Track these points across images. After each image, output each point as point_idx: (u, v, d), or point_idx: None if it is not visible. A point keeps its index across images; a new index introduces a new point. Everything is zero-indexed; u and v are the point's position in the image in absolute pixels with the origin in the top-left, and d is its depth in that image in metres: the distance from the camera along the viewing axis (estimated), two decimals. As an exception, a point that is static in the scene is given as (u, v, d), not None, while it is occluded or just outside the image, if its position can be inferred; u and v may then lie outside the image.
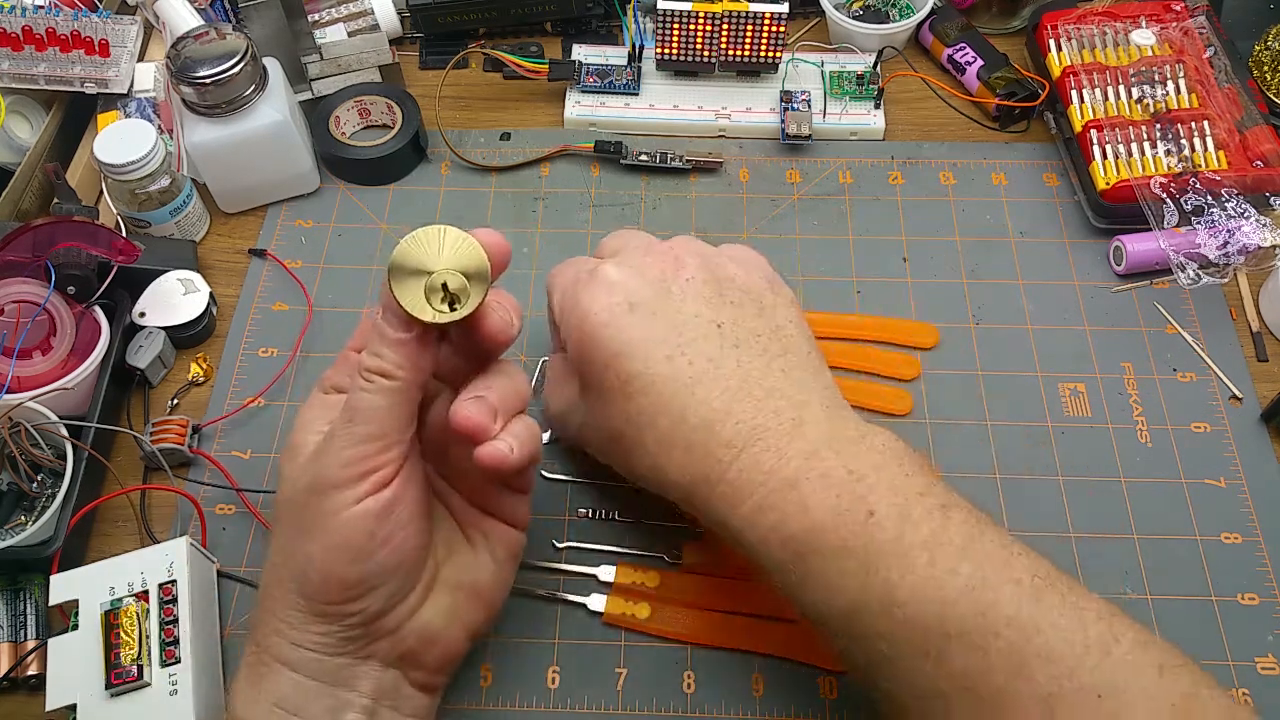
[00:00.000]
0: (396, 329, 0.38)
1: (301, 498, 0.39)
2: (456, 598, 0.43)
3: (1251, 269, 0.61)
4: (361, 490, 0.38)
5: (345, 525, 0.38)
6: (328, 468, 0.38)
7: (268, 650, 0.39)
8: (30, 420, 0.52)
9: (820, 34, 0.76)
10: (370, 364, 0.38)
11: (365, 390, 0.38)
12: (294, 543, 0.39)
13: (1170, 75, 0.66)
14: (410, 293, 0.37)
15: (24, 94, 0.68)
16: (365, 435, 0.38)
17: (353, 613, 0.39)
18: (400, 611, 0.40)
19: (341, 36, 0.70)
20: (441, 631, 0.42)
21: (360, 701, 0.40)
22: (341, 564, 0.38)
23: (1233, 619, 0.50)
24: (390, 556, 0.39)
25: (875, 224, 0.66)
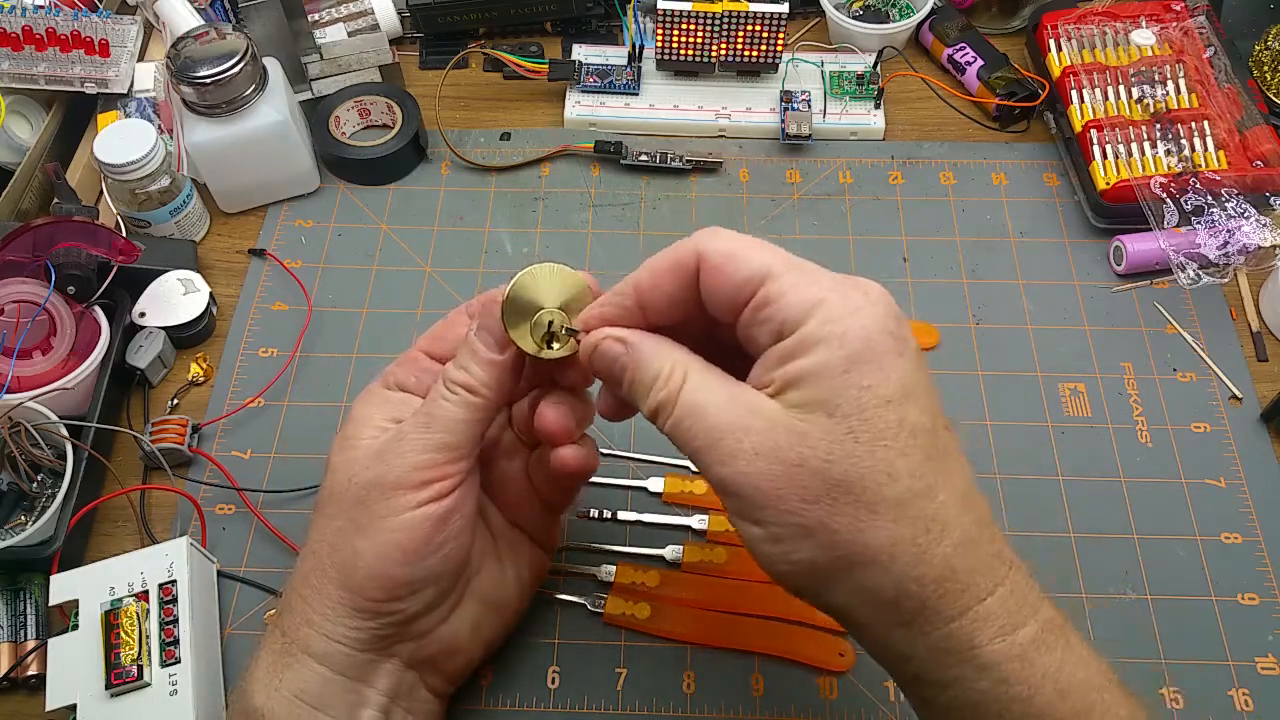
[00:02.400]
0: (491, 349, 0.39)
1: (360, 492, 0.39)
2: (481, 611, 0.43)
3: (1251, 269, 0.61)
4: (425, 495, 0.38)
5: (404, 527, 0.38)
6: (396, 468, 0.38)
7: (296, 640, 0.39)
8: (30, 420, 0.52)
9: (820, 34, 0.76)
10: (457, 377, 0.39)
11: (448, 400, 0.39)
12: (345, 536, 0.39)
13: (1170, 75, 0.66)
14: (519, 324, 0.39)
15: (24, 94, 0.68)
16: (439, 444, 0.38)
17: (392, 612, 0.39)
18: (433, 617, 0.41)
19: (341, 36, 0.70)
20: (464, 642, 0.43)
21: (377, 699, 0.40)
22: (393, 564, 0.38)
23: (1233, 619, 0.50)
24: (440, 563, 0.39)
25: (875, 224, 0.66)
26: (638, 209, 0.67)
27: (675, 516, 0.53)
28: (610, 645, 0.50)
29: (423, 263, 0.64)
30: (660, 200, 0.67)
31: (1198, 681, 0.48)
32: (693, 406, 0.34)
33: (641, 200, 0.67)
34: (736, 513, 0.34)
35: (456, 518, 0.39)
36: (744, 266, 0.34)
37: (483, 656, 0.45)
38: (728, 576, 0.51)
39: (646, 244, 0.65)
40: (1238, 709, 0.47)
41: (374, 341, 0.61)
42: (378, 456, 0.39)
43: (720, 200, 0.67)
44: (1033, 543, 0.53)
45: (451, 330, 0.43)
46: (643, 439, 0.56)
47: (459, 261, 0.64)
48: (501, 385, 0.39)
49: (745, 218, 0.66)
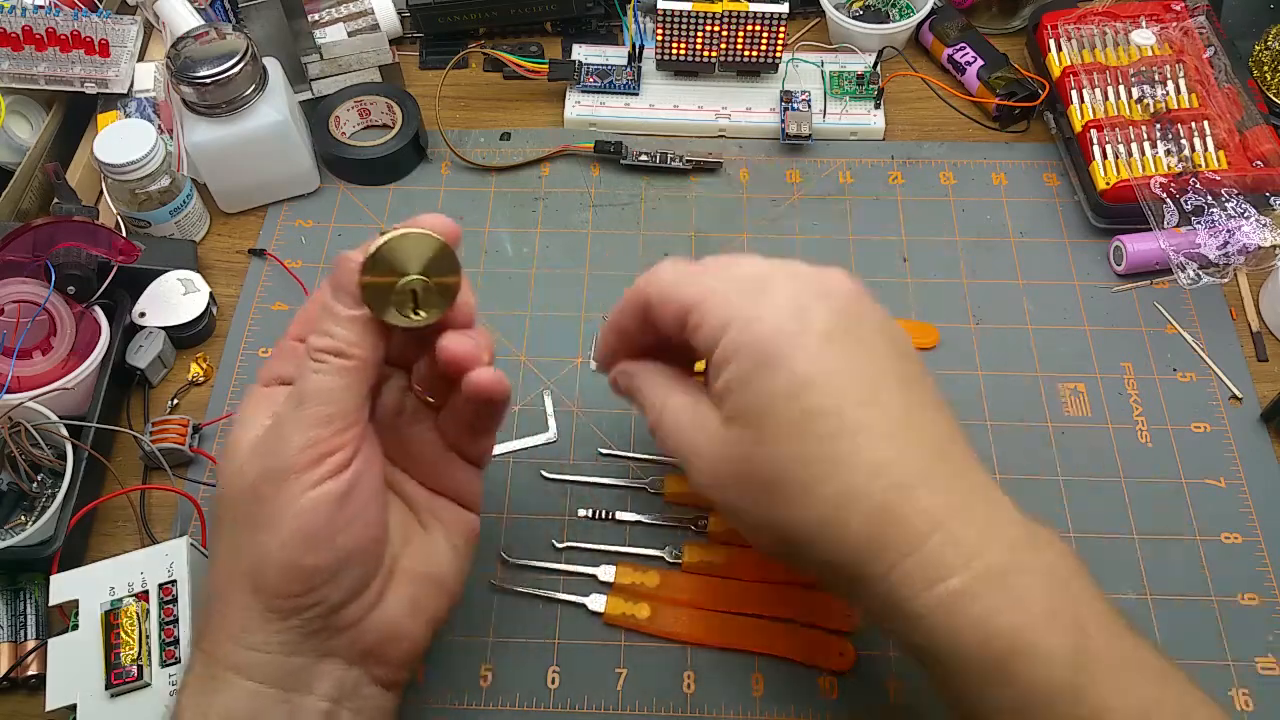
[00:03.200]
0: (349, 305, 0.37)
1: (251, 490, 0.36)
2: (416, 588, 0.41)
3: (1251, 269, 0.61)
4: (318, 474, 0.36)
5: (303, 512, 0.36)
6: (280, 455, 0.36)
7: (218, 659, 0.37)
8: (30, 420, 0.52)
9: (820, 34, 0.76)
10: (321, 344, 0.37)
11: (318, 371, 0.37)
12: (245, 537, 0.36)
13: (1170, 75, 0.66)
14: (378, 291, 0.37)
15: (24, 94, 0.68)
16: (319, 418, 0.36)
17: (312, 604, 0.37)
18: (362, 604, 0.38)
19: (341, 36, 0.70)
20: (404, 624, 0.40)
21: (319, 706, 0.38)
22: (300, 552, 0.36)
23: (1233, 619, 0.50)
24: (350, 542, 0.37)
25: (875, 224, 0.66)
26: (638, 209, 0.67)
27: (675, 516, 0.53)
28: (610, 645, 0.50)
29: (423, 263, 0.64)
30: (660, 200, 0.67)
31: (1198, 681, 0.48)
32: (670, 429, 0.40)
33: (641, 200, 0.67)
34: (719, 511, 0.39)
35: (359, 491, 0.37)
36: (672, 302, 0.39)
37: (429, 636, 0.42)
38: (728, 576, 0.51)
39: (646, 244, 0.65)
40: (1238, 709, 0.47)
41: (374, 341, 0.61)
42: (261, 449, 0.37)
43: (720, 200, 0.67)
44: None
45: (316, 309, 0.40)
46: (642, 439, 0.56)
47: (459, 261, 0.64)
48: (370, 342, 0.37)
49: (745, 218, 0.66)
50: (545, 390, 0.58)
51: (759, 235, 0.65)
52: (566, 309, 0.62)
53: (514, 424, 0.57)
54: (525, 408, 0.58)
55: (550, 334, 0.61)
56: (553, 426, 0.57)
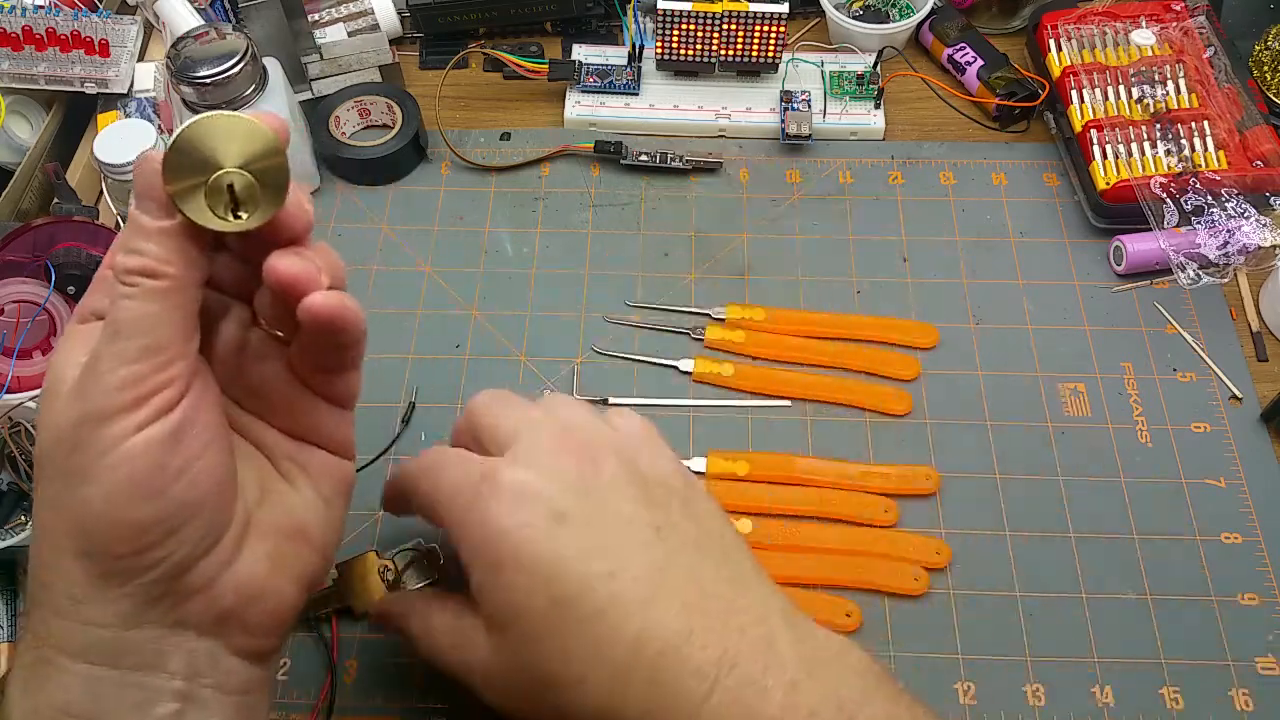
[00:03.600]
0: (156, 215, 0.31)
1: (70, 438, 0.31)
2: (279, 543, 0.36)
3: (1251, 269, 0.61)
4: (142, 416, 0.31)
5: (128, 458, 0.31)
6: (97, 396, 0.31)
7: (48, 640, 0.32)
8: (30, 420, 0.52)
9: (820, 34, 0.76)
10: (130, 263, 0.31)
11: (129, 297, 0.31)
12: (65, 492, 0.31)
13: (1170, 75, 0.66)
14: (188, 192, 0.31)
15: (24, 94, 0.68)
16: (138, 351, 0.31)
17: (151, 564, 0.32)
18: (211, 562, 0.33)
19: (341, 36, 0.70)
20: (265, 583, 0.35)
21: (171, 685, 0.33)
22: (129, 504, 0.31)
23: (1233, 619, 0.50)
24: (187, 491, 0.32)
25: (875, 224, 0.66)
26: (638, 209, 0.67)
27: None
28: (610, 645, 0.50)
29: (423, 263, 0.64)
30: (660, 200, 0.67)
31: (1198, 681, 0.48)
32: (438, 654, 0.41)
33: (641, 200, 0.67)
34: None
35: (193, 435, 0.32)
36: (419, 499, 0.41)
37: (298, 596, 0.37)
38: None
39: (646, 244, 0.65)
40: (1237, 709, 0.47)
41: (373, 342, 0.60)
42: (75, 393, 0.31)
43: (720, 200, 0.67)
44: (1032, 543, 0.53)
45: None
46: (643, 439, 0.56)
47: (459, 262, 0.64)
48: (186, 256, 0.32)
49: (745, 218, 0.66)
50: (545, 390, 0.58)
51: (759, 235, 0.65)
52: (566, 309, 0.62)
53: (514, 424, 0.57)
54: (525, 408, 0.58)
55: (550, 334, 0.61)
56: (553, 426, 0.57)
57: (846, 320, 0.61)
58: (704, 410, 0.58)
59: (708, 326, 0.60)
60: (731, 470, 0.54)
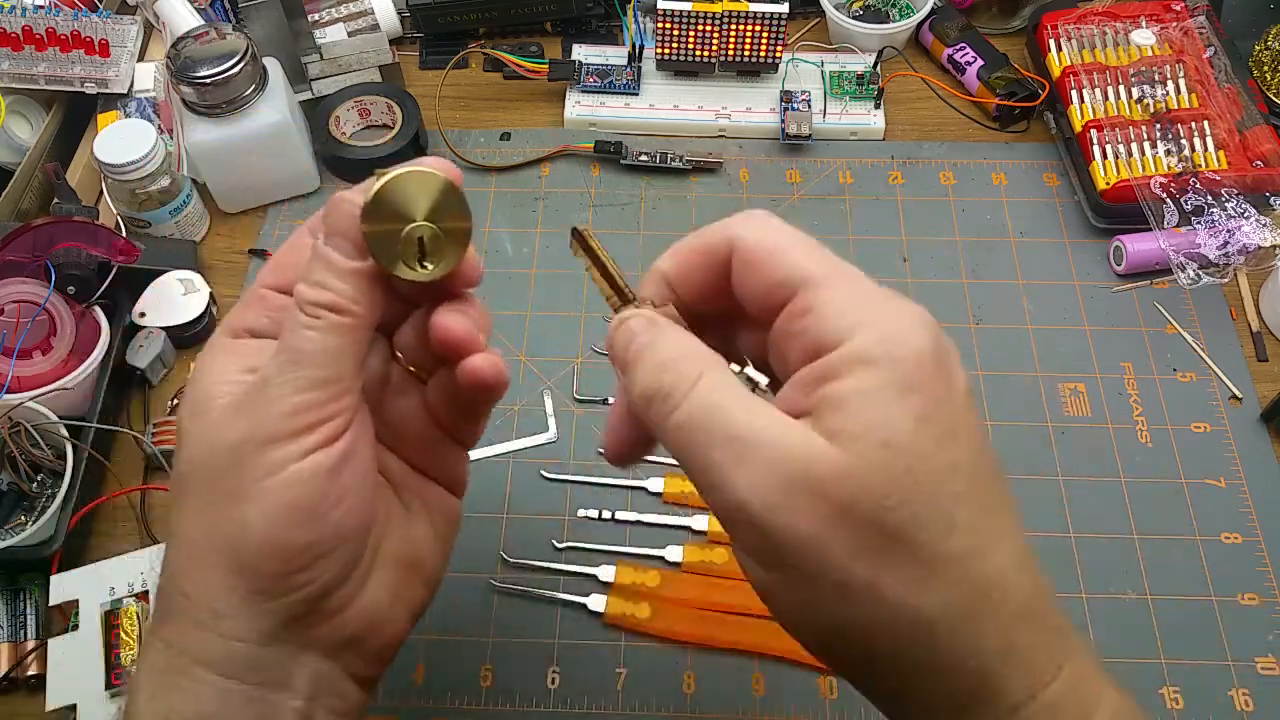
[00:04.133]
0: (350, 255, 0.32)
1: (228, 456, 0.32)
2: (398, 573, 0.37)
3: (1251, 269, 0.61)
4: (310, 443, 0.32)
5: (292, 482, 0.31)
6: (267, 419, 0.31)
7: (185, 650, 0.32)
8: (30, 420, 0.52)
9: (820, 34, 0.76)
10: (317, 296, 0.32)
11: (311, 328, 0.32)
12: (222, 510, 0.32)
13: (1170, 75, 0.66)
14: (383, 240, 0.32)
15: (24, 94, 0.68)
16: (313, 380, 0.32)
17: (298, 585, 0.32)
18: (347, 588, 0.34)
19: (341, 36, 0.70)
20: (386, 612, 0.36)
21: (293, 704, 0.34)
22: (288, 527, 0.32)
23: (1233, 619, 0.50)
24: (344, 519, 0.33)
25: (875, 224, 0.66)
26: (638, 209, 0.67)
27: (675, 516, 0.53)
28: (610, 645, 0.50)
29: (423, 263, 0.64)
30: (660, 200, 0.67)
31: (1198, 681, 0.48)
32: (710, 406, 0.28)
33: (641, 200, 0.67)
34: (750, 549, 0.28)
35: (353, 463, 0.33)
36: (780, 266, 0.30)
37: (408, 627, 0.38)
38: (728, 576, 0.51)
39: (646, 244, 0.65)
40: (1238, 709, 0.47)
41: (374, 341, 0.61)
42: (241, 411, 0.32)
43: (720, 200, 0.67)
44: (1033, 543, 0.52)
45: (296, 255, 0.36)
46: (643, 439, 0.56)
47: (459, 261, 0.64)
48: (370, 297, 0.33)
49: (745, 218, 0.66)
50: (545, 390, 0.58)
51: (759, 235, 0.65)
52: (566, 309, 0.62)
53: (514, 424, 0.57)
54: (525, 408, 0.58)
55: (550, 334, 0.61)
56: (553, 426, 0.57)
57: (846, 320, 0.61)
58: (704, 410, 0.58)
59: (708, 326, 0.60)
60: (731, 470, 0.54)
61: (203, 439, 0.33)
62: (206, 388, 0.33)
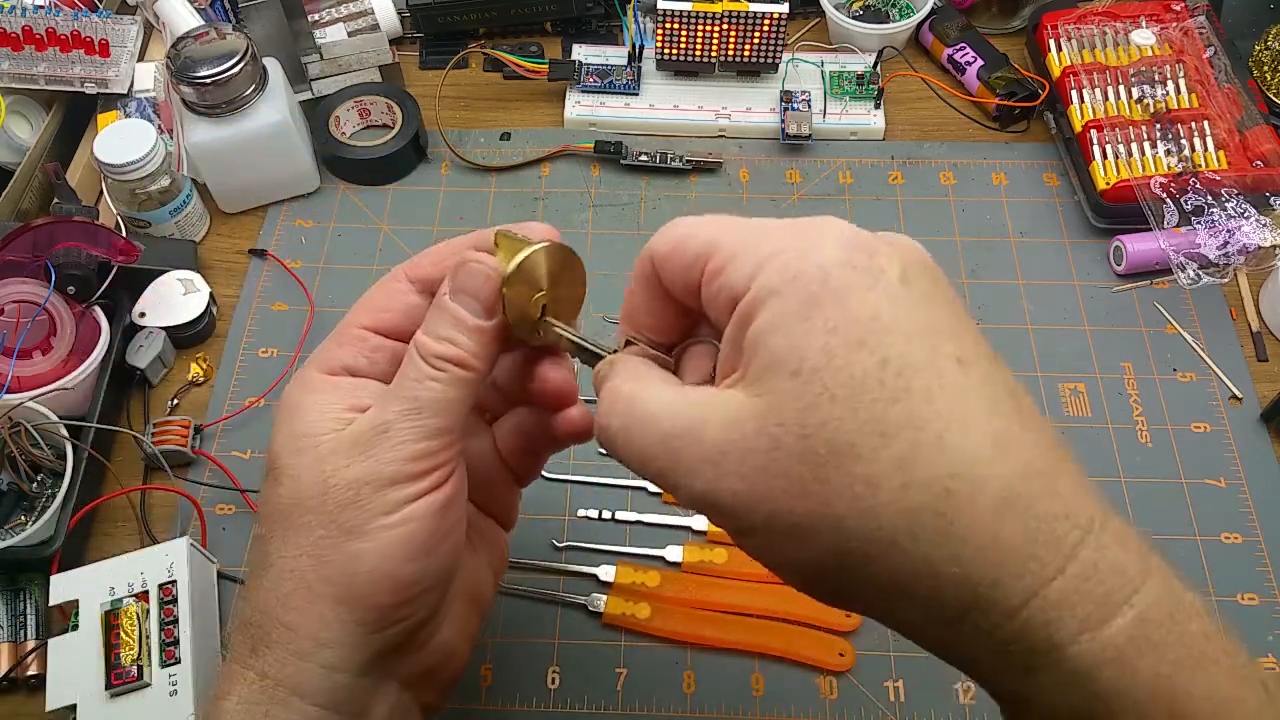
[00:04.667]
0: (481, 315, 0.35)
1: (344, 494, 0.33)
2: (465, 607, 0.39)
3: (1251, 269, 0.61)
4: (424, 486, 0.34)
5: (408, 520, 0.33)
6: (389, 462, 0.33)
7: (283, 682, 0.33)
8: (30, 420, 0.52)
9: (820, 34, 0.76)
10: (443, 351, 0.34)
11: (435, 380, 0.34)
12: (333, 543, 0.34)
13: (1170, 75, 0.66)
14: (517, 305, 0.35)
15: (24, 94, 0.68)
16: (434, 430, 0.34)
17: (403, 617, 0.35)
18: (436, 621, 0.37)
19: (341, 36, 0.70)
20: (456, 644, 0.39)
21: None
22: (400, 562, 0.33)
23: (1233, 619, 0.50)
24: (447, 556, 0.35)
25: (875, 224, 0.65)
26: (638, 209, 0.67)
27: (675, 516, 0.53)
28: (610, 645, 0.50)
29: (423, 263, 0.64)
30: (660, 200, 0.67)
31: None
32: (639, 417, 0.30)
33: (641, 200, 0.67)
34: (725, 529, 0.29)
35: (455, 505, 0.35)
36: (687, 248, 0.31)
37: (469, 656, 0.40)
38: (728, 576, 0.51)
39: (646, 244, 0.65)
40: (1238, 709, 0.47)
41: (374, 341, 0.61)
42: (359, 451, 0.34)
43: (720, 200, 0.67)
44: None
45: (393, 300, 0.37)
46: (643, 439, 0.56)
47: (459, 261, 0.64)
48: (490, 356, 0.35)
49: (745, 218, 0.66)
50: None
51: (759, 235, 0.65)
52: (566, 309, 0.62)
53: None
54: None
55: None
56: (553, 426, 0.57)
57: (846, 320, 0.61)
58: (704, 410, 0.58)
59: (708, 326, 0.60)
60: (731, 470, 0.54)
61: (314, 475, 0.34)
62: (312, 424, 0.35)
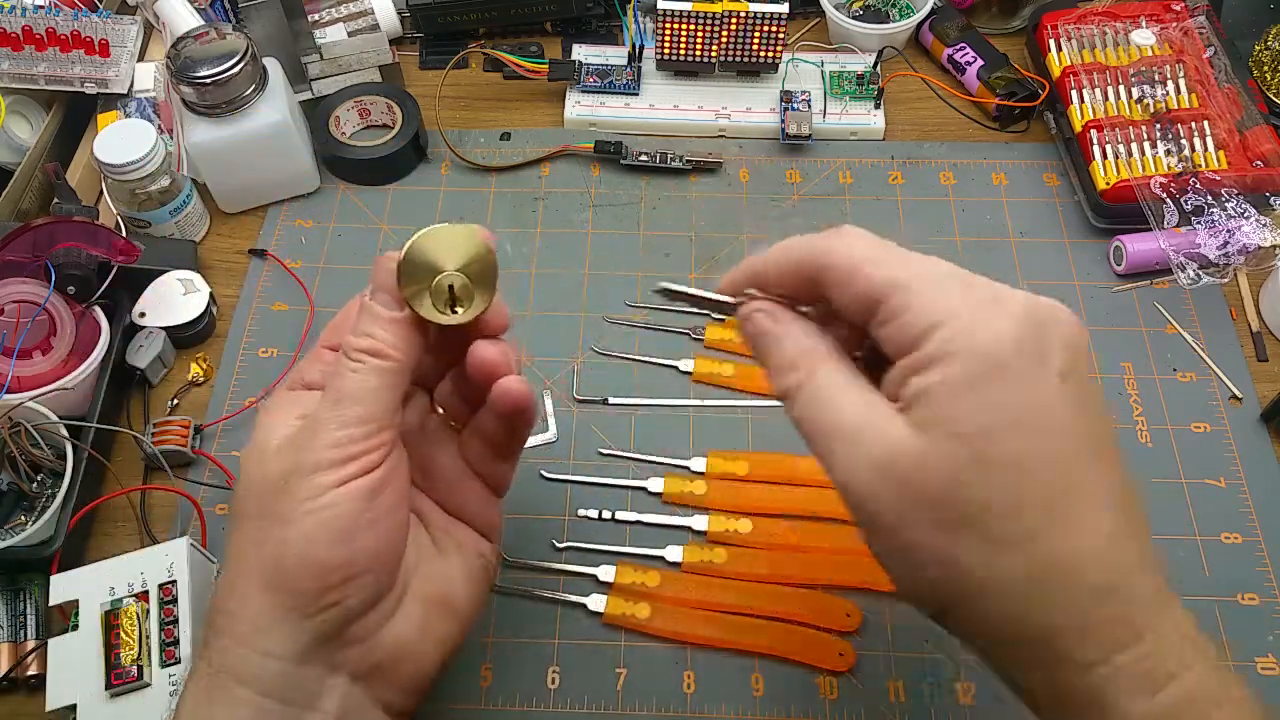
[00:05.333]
0: (389, 306, 0.37)
1: (276, 484, 0.36)
2: (427, 609, 0.40)
3: (1251, 269, 0.61)
4: (350, 471, 0.36)
5: (331, 504, 0.35)
6: (312, 450, 0.36)
7: (225, 668, 0.35)
8: (30, 420, 0.52)
9: (820, 34, 0.76)
10: (361, 344, 0.37)
11: (355, 371, 0.37)
12: (266, 531, 0.36)
13: (1170, 75, 0.66)
14: (418, 292, 0.37)
15: (24, 94, 0.68)
16: (355, 417, 0.36)
17: (330, 604, 0.36)
18: (377, 614, 0.38)
19: (341, 36, 0.70)
20: (413, 645, 0.39)
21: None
22: (323, 545, 0.35)
23: (1233, 619, 0.50)
24: (374, 542, 0.36)
25: (875, 224, 0.65)
26: (638, 209, 0.67)
27: (675, 516, 0.53)
28: (610, 645, 0.50)
29: (423, 263, 0.64)
30: (660, 200, 0.67)
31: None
32: (816, 402, 0.33)
33: (641, 200, 0.67)
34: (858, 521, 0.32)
35: (386, 492, 0.37)
36: (866, 280, 0.33)
37: (438, 661, 0.40)
38: (728, 576, 0.51)
39: (646, 244, 0.65)
40: (1238, 709, 0.47)
41: (374, 341, 0.61)
42: (290, 445, 0.36)
43: (720, 200, 0.67)
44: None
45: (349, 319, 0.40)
46: (643, 439, 0.56)
47: (459, 261, 0.64)
48: (409, 344, 0.37)
49: (745, 218, 0.66)
50: (545, 390, 0.58)
51: (759, 235, 0.65)
52: (566, 309, 0.62)
53: (514, 424, 0.57)
54: (525, 408, 0.58)
55: (550, 334, 0.61)
56: (553, 426, 0.57)
57: (846, 320, 0.61)
58: (704, 410, 0.58)
59: (708, 326, 0.60)
60: (731, 470, 0.54)
61: (256, 471, 0.37)
62: (265, 431, 0.38)
